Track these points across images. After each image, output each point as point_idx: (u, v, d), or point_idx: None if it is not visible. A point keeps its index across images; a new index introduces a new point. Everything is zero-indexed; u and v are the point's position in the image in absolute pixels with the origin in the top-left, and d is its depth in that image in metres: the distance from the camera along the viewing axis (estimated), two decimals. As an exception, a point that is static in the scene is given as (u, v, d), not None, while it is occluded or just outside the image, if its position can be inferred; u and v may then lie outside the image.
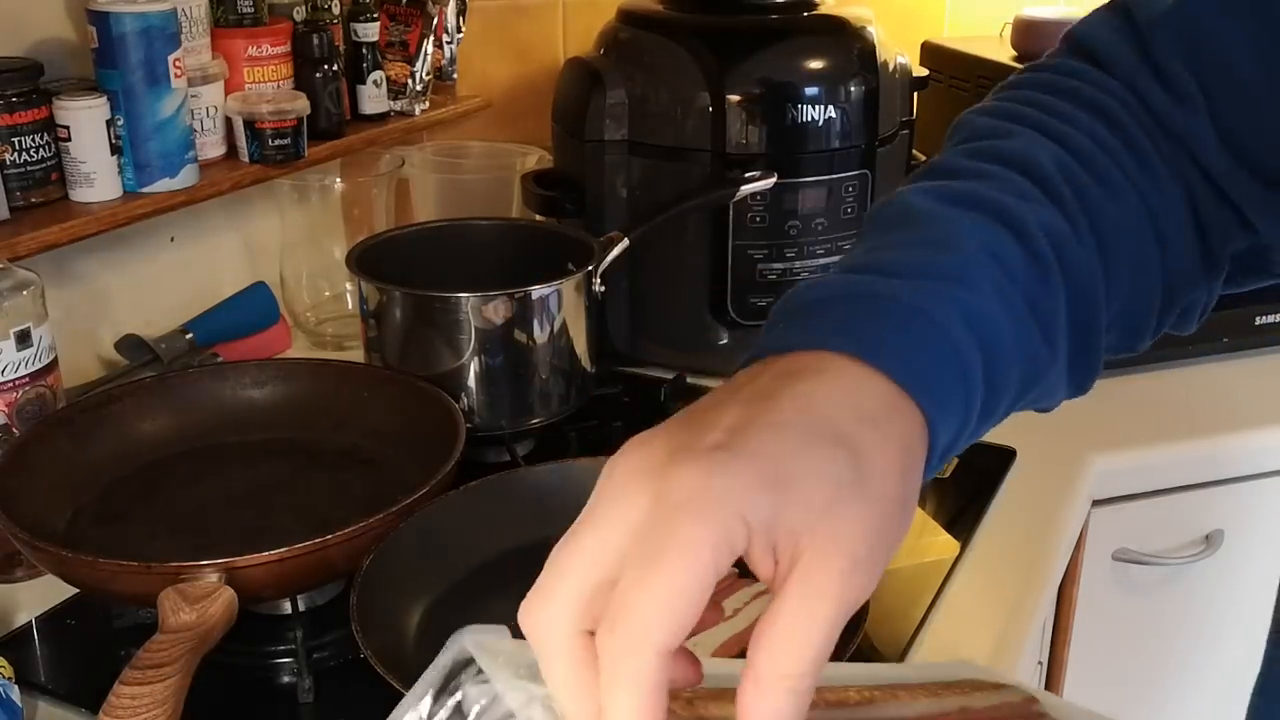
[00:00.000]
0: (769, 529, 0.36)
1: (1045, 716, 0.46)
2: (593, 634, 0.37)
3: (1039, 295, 0.49)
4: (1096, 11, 0.63)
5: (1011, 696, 0.47)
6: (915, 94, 1.27)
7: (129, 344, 1.19)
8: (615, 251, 1.08)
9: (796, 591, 0.36)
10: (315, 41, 1.23)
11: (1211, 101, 0.57)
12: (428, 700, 0.40)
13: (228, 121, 1.18)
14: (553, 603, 0.37)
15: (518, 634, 0.40)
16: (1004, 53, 1.41)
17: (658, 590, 0.35)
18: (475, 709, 0.40)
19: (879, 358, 0.41)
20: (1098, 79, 0.59)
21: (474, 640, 0.41)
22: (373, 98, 1.32)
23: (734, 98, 1.14)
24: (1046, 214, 0.52)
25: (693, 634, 0.36)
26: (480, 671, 0.40)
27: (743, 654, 0.38)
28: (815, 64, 1.16)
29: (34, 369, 0.90)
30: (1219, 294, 0.63)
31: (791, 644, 0.35)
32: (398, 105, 1.35)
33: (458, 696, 0.40)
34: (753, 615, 0.77)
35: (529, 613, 0.38)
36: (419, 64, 1.34)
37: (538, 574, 0.39)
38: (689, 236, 1.17)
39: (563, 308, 1.03)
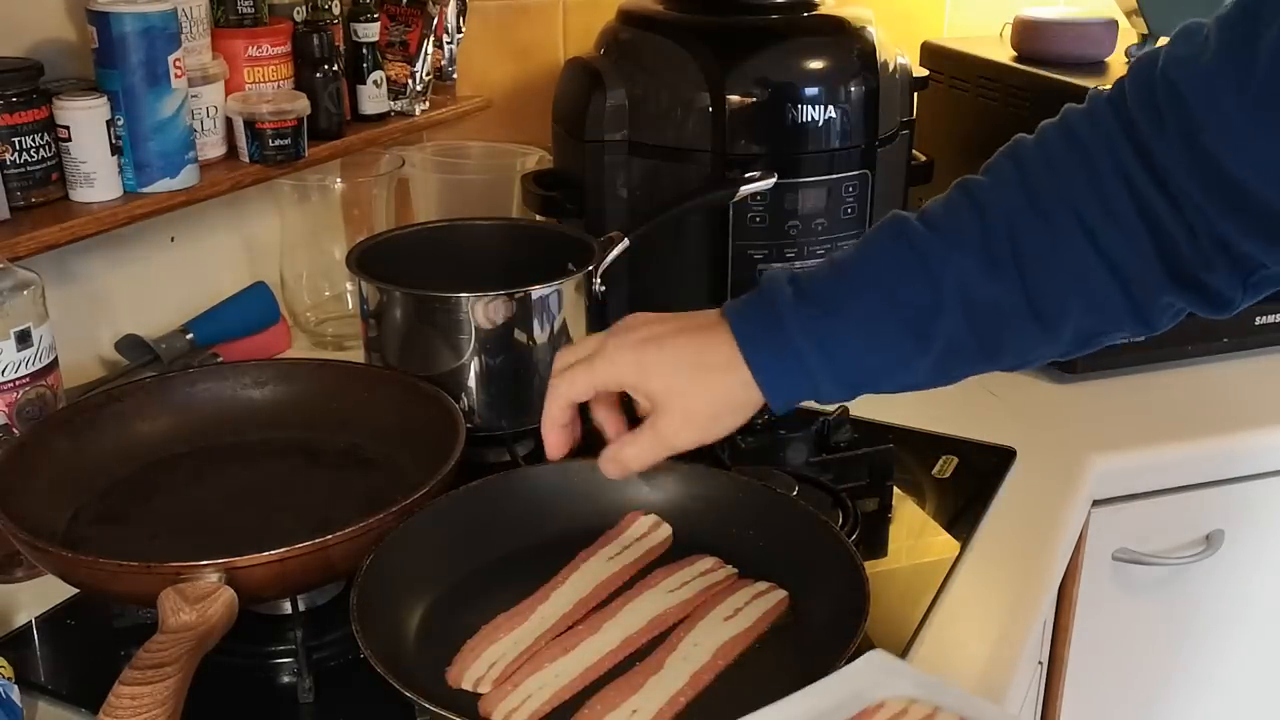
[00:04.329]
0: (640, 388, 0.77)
1: None
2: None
3: (923, 322, 0.73)
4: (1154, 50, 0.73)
5: None
6: (915, 94, 1.27)
7: (129, 344, 1.19)
8: (615, 251, 1.08)
9: (649, 423, 0.77)
10: (315, 41, 1.23)
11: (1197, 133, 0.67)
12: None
13: (228, 121, 1.18)
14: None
15: None
16: (1004, 53, 1.41)
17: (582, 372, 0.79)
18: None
19: (751, 355, 0.76)
20: (1105, 122, 0.72)
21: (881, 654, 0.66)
22: (373, 98, 1.32)
23: (734, 98, 1.14)
24: (968, 261, 0.72)
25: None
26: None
27: None
28: (815, 64, 1.16)
29: (34, 369, 0.91)
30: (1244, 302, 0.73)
31: (634, 451, 0.78)
32: (398, 105, 1.35)
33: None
34: (754, 615, 0.77)
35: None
36: (419, 64, 1.34)
37: (538, 574, 0.40)
38: (689, 236, 1.17)
39: (563, 308, 1.03)
